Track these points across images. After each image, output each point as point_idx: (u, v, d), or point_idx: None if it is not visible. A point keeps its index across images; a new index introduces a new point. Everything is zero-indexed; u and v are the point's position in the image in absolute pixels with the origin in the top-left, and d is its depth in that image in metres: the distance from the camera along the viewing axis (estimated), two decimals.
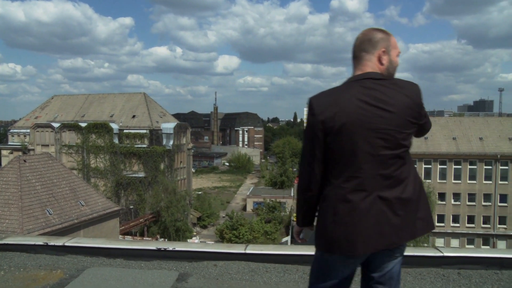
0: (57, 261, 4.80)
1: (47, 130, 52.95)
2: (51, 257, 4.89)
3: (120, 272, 4.48)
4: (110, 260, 4.80)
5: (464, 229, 41.46)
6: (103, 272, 4.48)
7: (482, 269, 4.45)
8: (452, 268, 4.45)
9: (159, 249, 4.74)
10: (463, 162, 41.02)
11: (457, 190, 41.50)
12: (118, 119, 52.74)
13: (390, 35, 2.19)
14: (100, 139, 50.90)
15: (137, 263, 4.70)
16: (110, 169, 50.39)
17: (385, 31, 2.19)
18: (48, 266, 4.67)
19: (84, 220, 26.20)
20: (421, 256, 4.51)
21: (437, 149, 41.27)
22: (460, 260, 4.49)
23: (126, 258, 4.79)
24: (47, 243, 5.01)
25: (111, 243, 5.06)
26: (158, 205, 45.29)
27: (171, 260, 4.71)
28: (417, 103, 2.09)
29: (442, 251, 4.55)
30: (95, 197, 29.07)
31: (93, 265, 4.67)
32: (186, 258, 4.71)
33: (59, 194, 26.26)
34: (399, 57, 2.20)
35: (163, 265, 4.63)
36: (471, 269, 4.46)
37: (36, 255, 4.93)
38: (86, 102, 57.08)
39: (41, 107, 59.94)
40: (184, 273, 4.42)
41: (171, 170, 50.97)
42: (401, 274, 4.36)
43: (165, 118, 55.23)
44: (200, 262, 4.65)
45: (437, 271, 4.41)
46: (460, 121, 45.96)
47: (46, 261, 4.79)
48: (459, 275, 4.36)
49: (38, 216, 23.93)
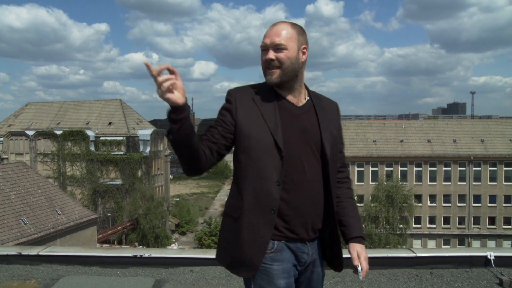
0: (31, 271, 4.74)
1: (21, 138, 51.89)
2: (25, 267, 4.83)
3: (95, 280, 4.45)
4: (85, 268, 4.76)
5: (440, 230, 42.16)
6: (78, 280, 4.44)
7: (453, 268, 4.58)
8: (425, 268, 4.56)
9: (135, 256, 4.73)
10: (438, 164, 41.76)
11: (433, 192, 42.20)
12: (94, 126, 52.04)
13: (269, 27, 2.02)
14: (76, 147, 50.12)
15: (113, 271, 4.67)
16: (87, 176, 49.64)
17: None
18: (22, 276, 4.61)
19: (60, 229, 25.69)
20: (394, 257, 4.61)
21: (412, 151, 41.94)
22: (432, 260, 4.61)
23: (102, 266, 4.76)
24: (21, 253, 4.94)
25: (86, 251, 5.02)
26: (136, 213, 44.82)
27: (148, 267, 4.70)
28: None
29: (415, 252, 4.66)
30: (71, 205, 28.58)
31: (68, 274, 4.63)
32: (162, 264, 4.71)
33: (34, 203, 25.73)
34: (265, 49, 1.98)
35: (140, 272, 4.62)
36: (443, 268, 4.58)
37: (9, 266, 4.86)
38: (61, 109, 56.18)
39: (14, 115, 58.73)
40: (160, 280, 4.42)
41: (148, 177, 50.52)
42: (376, 275, 4.45)
43: (142, 124, 54.77)
44: (177, 268, 4.66)
45: (411, 271, 4.52)
46: (435, 123, 46.88)
47: (19, 271, 4.73)
48: (431, 274, 4.47)
49: (13, 226, 23.40)
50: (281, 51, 1.93)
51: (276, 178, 1.89)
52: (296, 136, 1.95)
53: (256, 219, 1.90)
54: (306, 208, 1.96)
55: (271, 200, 1.89)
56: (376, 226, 33.78)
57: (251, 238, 1.90)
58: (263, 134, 1.90)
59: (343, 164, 2.22)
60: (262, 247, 1.91)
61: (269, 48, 1.94)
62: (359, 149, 42.21)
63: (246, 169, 1.93)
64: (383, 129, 44.37)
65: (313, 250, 2.05)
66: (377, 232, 33.22)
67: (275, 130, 1.90)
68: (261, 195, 1.90)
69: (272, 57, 1.93)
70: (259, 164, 1.90)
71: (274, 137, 1.89)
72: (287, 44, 1.93)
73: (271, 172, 1.90)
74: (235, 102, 1.96)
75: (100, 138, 50.58)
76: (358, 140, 43.09)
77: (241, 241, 1.91)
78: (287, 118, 1.96)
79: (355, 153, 41.60)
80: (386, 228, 33.95)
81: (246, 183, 1.92)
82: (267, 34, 1.95)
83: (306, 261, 2.03)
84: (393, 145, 42.52)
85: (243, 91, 2.01)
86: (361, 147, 42.45)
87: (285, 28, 1.95)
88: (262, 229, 1.90)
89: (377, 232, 33.22)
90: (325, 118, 2.05)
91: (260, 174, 1.90)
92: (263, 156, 1.90)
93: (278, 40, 1.92)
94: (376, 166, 42.13)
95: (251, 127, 1.92)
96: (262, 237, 1.91)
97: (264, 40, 1.95)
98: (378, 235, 32.85)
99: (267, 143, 1.89)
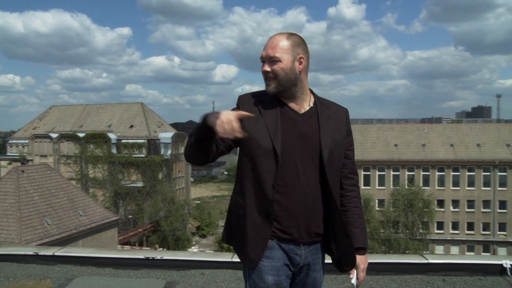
0: (47, 270, 4.84)
1: (45, 140, 52.99)
2: (41, 266, 4.94)
3: (108, 281, 4.53)
4: (99, 269, 4.85)
5: (464, 236, 41.37)
6: (91, 281, 4.53)
7: (466, 276, 4.50)
8: (437, 275, 4.50)
9: (147, 258, 4.79)
10: (461, 168, 41.03)
11: (456, 197, 41.47)
12: (116, 129, 52.78)
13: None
14: (98, 149, 50.92)
15: (125, 272, 4.74)
16: (109, 179, 50.35)
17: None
18: (38, 275, 4.71)
19: (82, 230, 26.14)
20: (406, 263, 4.56)
21: (435, 156, 41.31)
22: (445, 267, 4.55)
23: (115, 267, 4.84)
24: (37, 253, 5.05)
25: (100, 252, 5.11)
26: (157, 215, 45.18)
27: (159, 269, 4.76)
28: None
29: (427, 258, 4.60)
30: (93, 207, 29.04)
31: (82, 274, 4.72)
32: (174, 267, 4.76)
33: (57, 205, 26.23)
34: (263, 61, 2.06)
35: (151, 274, 4.68)
36: (456, 275, 4.51)
37: (26, 265, 4.98)
38: (84, 112, 57.15)
39: (39, 118, 60.00)
40: (171, 282, 4.47)
41: (169, 180, 50.95)
42: (387, 281, 4.42)
43: (163, 127, 55.31)
44: (188, 270, 4.70)
45: (422, 278, 4.46)
46: (458, 127, 46.04)
47: (36, 271, 4.84)
48: (444, 281, 4.41)
49: (36, 226, 23.90)
50: (276, 63, 2.03)
51: (272, 181, 2.00)
52: (294, 142, 2.03)
53: (257, 218, 2.03)
54: (298, 210, 2.04)
55: (267, 202, 2.01)
56: (395, 231, 33.39)
57: (253, 236, 2.04)
58: (263, 139, 2.00)
59: (352, 171, 2.26)
60: (262, 244, 2.04)
61: (265, 61, 2.05)
62: (380, 153, 41.80)
63: (247, 171, 2.06)
64: (405, 133, 43.83)
65: (309, 253, 2.12)
66: (396, 237, 32.83)
67: (275, 136, 2.00)
68: (259, 196, 2.02)
69: (267, 69, 2.05)
70: (258, 168, 2.02)
71: (273, 142, 1.98)
72: (280, 56, 2.02)
73: (267, 175, 2.00)
74: (242, 107, 2.08)
75: (122, 141, 51.25)
76: (379, 144, 42.68)
77: (245, 238, 2.05)
78: (287, 125, 2.05)
79: (376, 157, 41.24)
80: (405, 233, 33.52)
81: (247, 184, 2.06)
82: (264, 47, 2.07)
83: (299, 263, 2.10)
84: (415, 149, 41.95)
85: (251, 98, 2.11)
86: (382, 151, 42.02)
87: (280, 40, 2.04)
88: (262, 228, 2.03)
89: (396, 237, 32.83)
90: (327, 124, 2.10)
91: (259, 176, 2.02)
92: (261, 160, 2.01)
93: (272, 52, 2.02)
94: (397, 171, 41.63)
95: (253, 132, 2.00)
96: (262, 235, 2.04)
97: (262, 53, 2.06)
98: (397, 240, 32.45)
99: (266, 148, 2.00)
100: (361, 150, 41.32)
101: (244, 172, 2.08)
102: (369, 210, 33.50)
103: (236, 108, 2.10)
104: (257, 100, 2.09)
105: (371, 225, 32.30)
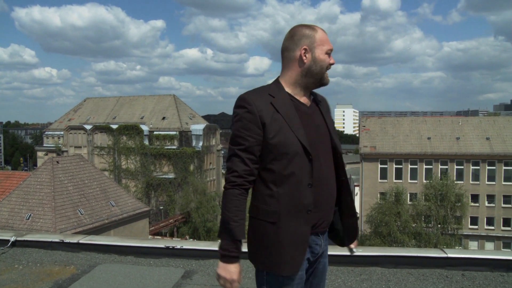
0: (72, 257, 5.02)
1: (80, 132, 54.42)
2: (66, 253, 5.12)
3: (129, 268, 4.66)
4: (121, 257, 4.99)
5: (499, 232, 40.24)
6: (113, 268, 4.67)
7: (487, 271, 4.41)
8: (457, 270, 4.43)
9: (168, 247, 4.90)
10: (498, 162, 39.82)
11: (491, 192, 40.30)
12: (148, 121, 53.67)
13: (317, 31, 2.04)
14: (130, 141, 51.94)
15: (146, 260, 4.87)
16: (141, 170, 51.33)
17: (311, 27, 2.06)
18: (63, 262, 4.89)
19: (114, 220, 26.81)
20: (424, 257, 4.50)
21: (469, 149, 40.22)
22: (465, 261, 4.47)
23: (137, 256, 4.97)
24: (63, 240, 5.24)
25: (122, 241, 5.25)
26: (188, 206, 45.78)
27: (179, 258, 4.86)
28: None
29: (446, 252, 4.53)
30: (125, 197, 29.71)
31: (104, 262, 4.87)
32: (193, 256, 4.85)
33: (90, 195, 26.97)
34: (330, 54, 2.06)
35: (171, 263, 4.79)
36: (476, 270, 4.42)
37: (52, 252, 5.17)
38: (117, 104, 58.32)
39: (74, 110, 61.64)
40: (190, 271, 4.56)
41: (200, 171, 51.53)
42: (404, 274, 4.38)
43: (195, 119, 55.89)
44: (207, 260, 4.78)
45: (441, 272, 4.40)
46: (495, 120, 44.62)
47: (61, 257, 5.02)
48: (463, 276, 4.34)
49: (70, 216, 24.66)
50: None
51: (308, 180, 1.96)
52: (313, 135, 2.02)
53: (295, 221, 1.95)
54: (326, 203, 2.07)
55: (306, 202, 1.96)
56: (426, 225, 32.80)
57: (293, 240, 1.95)
58: (290, 140, 1.94)
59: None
60: (303, 246, 1.99)
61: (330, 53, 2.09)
62: (412, 146, 40.98)
63: (279, 175, 1.95)
64: (439, 126, 42.79)
65: (325, 241, 2.16)
66: (427, 231, 32.26)
67: (300, 134, 1.95)
68: (297, 198, 1.95)
69: (334, 62, 2.10)
70: (291, 170, 1.94)
71: (301, 141, 1.94)
72: None
73: (303, 175, 1.96)
74: (258, 111, 1.94)
75: (154, 133, 52.11)
76: (412, 137, 41.82)
77: (283, 244, 1.95)
78: (304, 119, 2.02)
79: (408, 150, 40.48)
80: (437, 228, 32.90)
81: (280, 189, 1.95)
82: (327, 40, 2.07)
83: (318, 252, 2.12)
84: (449, 143, 40.93)
85: (260, 97, 1.99)
86: (415, 144, 41.18)
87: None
88: (302, 230, 1.97)
89: (427, 231, 32.26)
90: (326, 113, 2.17)
91: (293, 178, 1.94)
92: (293, 161, 1.94)
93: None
94: (430, 164, 40.75)
95: (278, 135, 1.94)
96: (302, 238, 1.98)
97: (330, 45, 2.07)
98: (428, 234, 31.88)
99: (296, 148, 1.94)
100: (393, 143, 40.65)
101: (273, 177, 1.96)
102: (401, 203, 32.99)
103: (249, 114, 1.94)
104: (267, 97, 1.99)
105: (402, 218, 31.84)
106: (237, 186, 1.93)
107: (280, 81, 2.08)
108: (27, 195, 25.41)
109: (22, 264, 4.86)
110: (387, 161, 40.32)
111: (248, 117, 1.94)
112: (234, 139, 1.97)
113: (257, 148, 1.94)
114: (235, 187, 1.93)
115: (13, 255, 5.12)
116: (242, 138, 1.94)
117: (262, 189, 1.99)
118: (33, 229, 22.26)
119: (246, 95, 2.00)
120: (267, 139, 1.94)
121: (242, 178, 1.93)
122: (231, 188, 1.93)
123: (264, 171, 1.98)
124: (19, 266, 4.79)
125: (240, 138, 1.94)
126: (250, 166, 1.94)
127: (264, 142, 1.94)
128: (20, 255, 5.12)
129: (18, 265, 4.83)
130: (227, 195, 1.94)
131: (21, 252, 5.19)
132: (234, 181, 1.93)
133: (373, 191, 39.54)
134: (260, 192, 2.00)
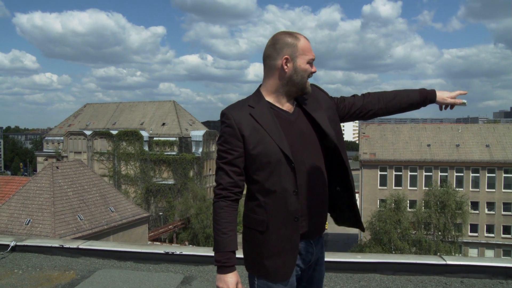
0: (71, 262, 5.03)
1: (80, 137, 54.42)
2: (66, 258, 5.13)
3: (128, 274, 4.66)
4: (120, 262, 5.00)
5: (499, 239, 40.16)
6: (112, 273, 4.67)
7: (486, 279, 4.41)
8: (455, 277, 4.43)
9: (167, 253, 4.91)
10: (497, 170, 39.81)
11: (491, 199, 40.24)
12: (148, 126, 53.71)
13: (300, 39, 2.03)
14: (130, 147, 51.94)
15: (145, 266, 4.88)
16: (140, 176, 51.29)
17: (294, 35, 2.04)
18: (62, 267, 4.90)
19: (113, 226, 26.78)
20: (423, 264, 4.51)
21: (469, 156, 40.22)
22: (464, 268, 4.47)
23: (136, 261, 4.98)
24: (63, 245, 5.25)
25: (122, 246, 5.26)
26: (188, 212, 45.71)
27: (178, 264, 4.87)
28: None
29: (445, 259, 4.54)
30: (124, 203, 29.69)
31: (104, 267, 4.88)
32: (192, 262, 4.86)
33: (89, 200, 26.97)
34: (311, 63, 2.06)
35: (170, 268, 4.79)
36: (475, 278, 4.43)
37: (52, 257, 5.18)
38: (117, 110, 58.38)
39: (74, 115, 61.69)
40: (189, 276, 4.57)
41: (200, 177, 51.48)
42: (403, 281, 4.39)
43: (195, 125, 55.92)
44: (206, 266, 4.79)
45: (440, 279, 4.41)
46: (494, 127, 44.63)
47: (61, 262, 5.03)
48: (462, 283, 4.34)
49: (70, 221, 24.63)
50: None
51: (292, 188, 1.97)
52: (297, 143, 2.01)
53: (284, 229, 1.97)
54: (315, 209, 2.05)
55: (292, 209, 1.97)
56: (426, 233, 32.74)
57: (281, 247, 1.98)
58: (271, 149, 1.95)
59: (353, 95, 2.34)
60: (293, 253, 2.00)
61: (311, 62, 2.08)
62: (412, 153, 40.99)
63: (263, 185, 1.98)
64: (438, 133, 42.82)
65: (318, 248, 2.14)
66: (427, 239, 32.20)
67: (282, 143, 1.95)
68: (283, 206, 1.96)
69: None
70: (274, 179, 1.96)
71: (282, 150, 1.95)
72: None
73: (287, 183, 1.96)
74: (236, 124, 1.98)
75: (154, 139, 52.13)
76: (412, 144, 41.83)
77: (273, 252, 1.98)
78: (285, 127, 2.01)
79: (408, 157, 40.47)
80: (437, 235, 32.83)
81: (266, 199, 1.98)
82: (310, 48, 2.07)
83: (311, 260, 2.12)
84: (448, 150, 40.94)
85: (239, 110, 2.02)
86: (415, 151, 41.19)
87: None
88: (291, 237, 1.98)
89: (427, 239, 32.20)
90: (314, 107, 2.11)
91: (278, 187, 1.96)
92: (276, 170, 1.95)
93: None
94: (430, 171, 40.74)
95: (259, 145, 1.96)
96: (292, 245, 1.99)
97: (312, 55, 2.06)
98: (428, 241, 31.82)
99: (277, 157, 1.95)
100: (393, 150, 40.65)
101: (258, 187, 1.99)
102: (401, 211, 32.95)
103: (228, 128, 1.99)
104: (246, 109, 2.00)
105: (402, 225, 31.79)
106: (223, 198, 1.98)
107: (261, 90, 2.09)
108: (27, 200, 25.41)
109: (22, 269, 4.87)
110: (386, 168, 40.31)
111: (228, 131, 1.99)
112: (218, 154, 2.03)
113: (240, 160, 1.98)
114: (221, 200, 1.98)
115: (12, 260, 5.12)
116: (225, 152, 1.99)
117: (250, 199, 2.05)
118: (33, 234, 22.22)
119: (226, 109, 2.04)
120: (249, 150, 1.96)
121: (227, 190, 1.98)
122: (217, 201, 1.99)
123: (250, 182, 2.03)
124: (18, 271, 4.79)
125: (223, 152, 2.00)
126: (234, 178, 1.98)
127: (246, 153, 1.97)
128: (20, 260, 5.13)
129: (18, 270, 4.84)
130: (215, 208, 2.00)
131: (21, 257, 5.20)
132: (220, 193, 1.98)
133: (372, 198, 39.53)
134: (249, 202, 2.05)
